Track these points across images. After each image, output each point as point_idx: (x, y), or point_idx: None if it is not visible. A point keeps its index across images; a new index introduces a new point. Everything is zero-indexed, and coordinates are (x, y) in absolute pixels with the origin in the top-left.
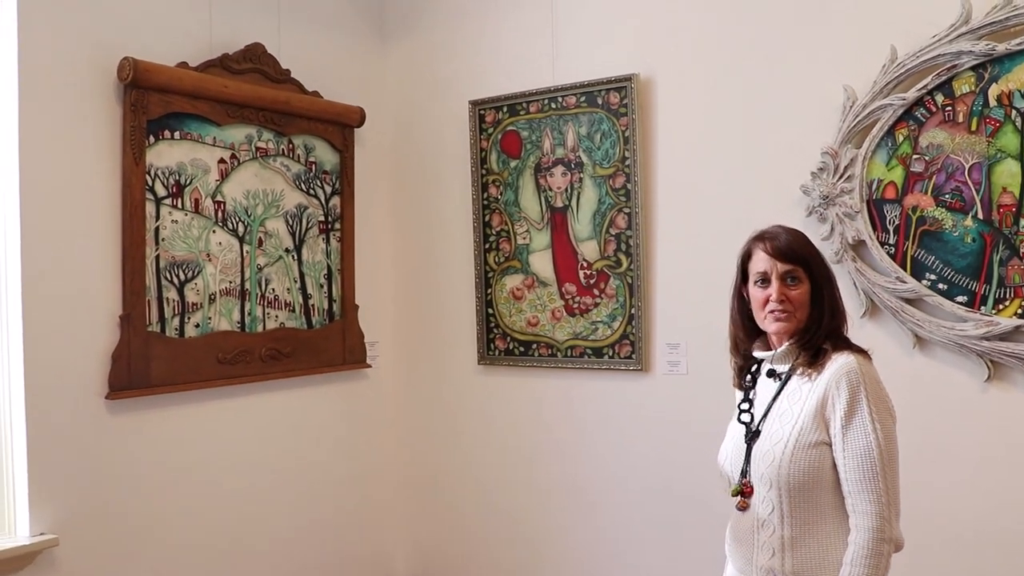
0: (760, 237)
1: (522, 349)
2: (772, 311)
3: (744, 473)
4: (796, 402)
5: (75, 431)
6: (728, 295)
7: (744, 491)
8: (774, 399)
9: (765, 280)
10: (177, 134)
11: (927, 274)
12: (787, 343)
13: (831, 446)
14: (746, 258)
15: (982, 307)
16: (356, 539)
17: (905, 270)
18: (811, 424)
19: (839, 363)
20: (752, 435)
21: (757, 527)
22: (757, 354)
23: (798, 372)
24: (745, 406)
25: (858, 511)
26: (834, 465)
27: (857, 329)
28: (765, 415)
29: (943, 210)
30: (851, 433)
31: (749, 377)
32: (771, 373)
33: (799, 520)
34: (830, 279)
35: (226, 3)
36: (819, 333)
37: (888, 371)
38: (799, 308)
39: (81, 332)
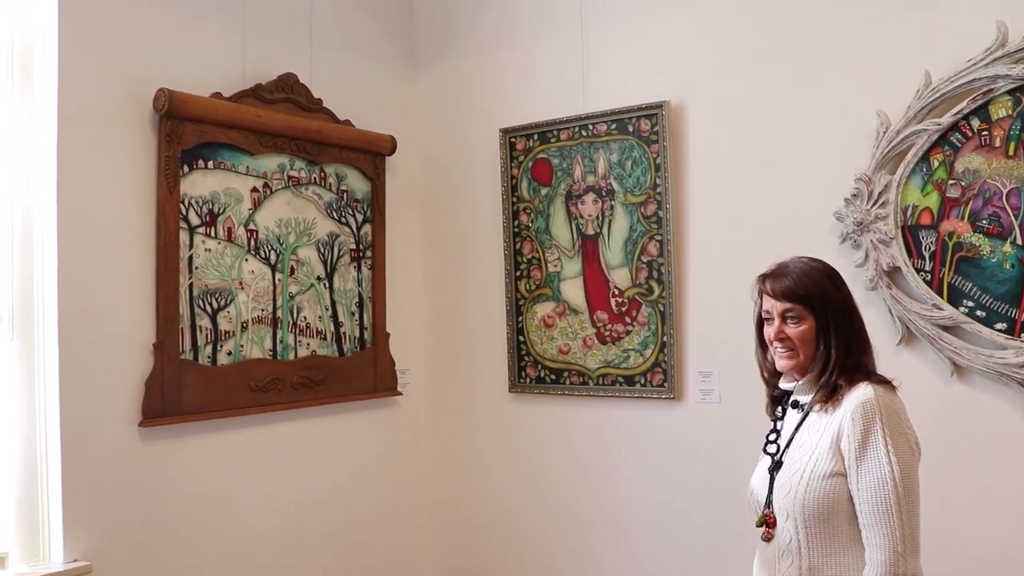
0: (764, 276)
1: (553, 377)
2: (776, 349)
3: (768, 503)
4: (815, 433)
5: (109, 458)
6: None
7: (768, 522)
8: (796, 430)
9: (770, 318)
10: (211, 163)
11: (965, 301)
12: (807, 376)
13: (847, 477)
14: (758, 295)
15: (1022, 334)
16: (386, 566)
17: (942, 297)
18: (827, 455)
19: (855, 395)
20: (775, 465)
21: (778, 557)
22: (783, 385)
23: (816, 407)
24: (772, 436)
25: (872, 545)
26: (851, 497)
27: (893, 357)
28: (788, 445)
29: (980, 236)
30: (865, 465)
31: (780, 408)
32: (795, 404)
33: (817, 551)
34: (842, 314)
35: (259, 34)
36: (833, 368)
37: (925, 400)
38: (802, 345)
39: (115, 359)
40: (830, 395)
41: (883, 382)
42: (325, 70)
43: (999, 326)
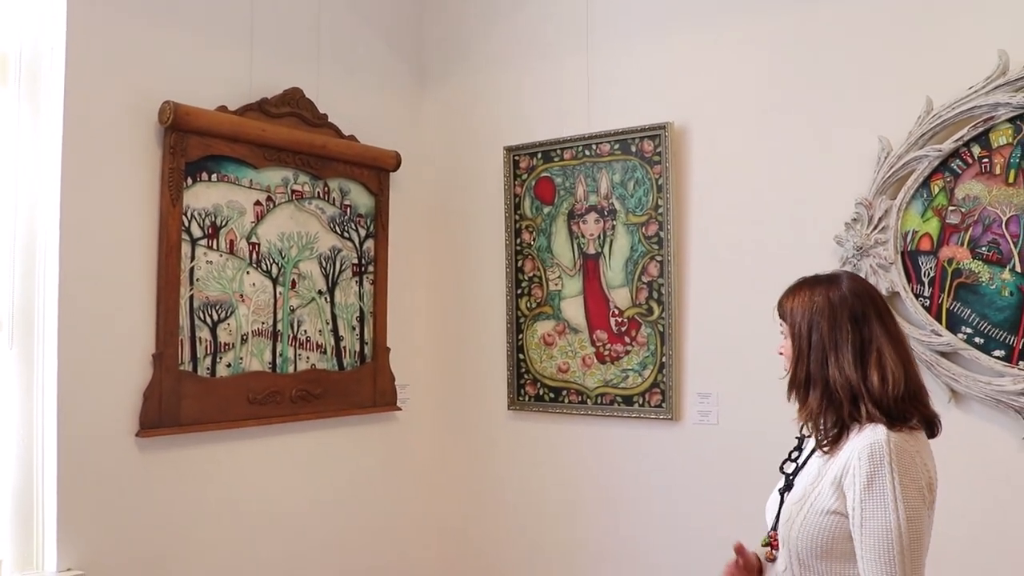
0: None
1: (552, 395)
2: None
3: (776, 524)
4: (823, 463)
5: (105, 467)
6: (762, 346)
7: (772, 543)
8: (811, 454)
9: None
10: (214, 176)
11: (963, 327)
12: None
13: (848, 517)
14: None
15: (1020, 362)
16: None
17: (940, 323)
18: (829, 490)
19: (867, 432)
20: (786, 487)
21: None
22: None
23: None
24: (795, 455)
25: None
26: (850, 537)
27: None
28: (799, 470)
29: (980, 263)
30: (869, 509)
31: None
32: None
33: None
34: (809, 334)
35: (266, 48)
36: (799, 395)
37: None
38: (789, 363)
39: (114, 369)
40: (838, 438)
41: (903, 426)
42: (331, 85)
43: (997, 353)
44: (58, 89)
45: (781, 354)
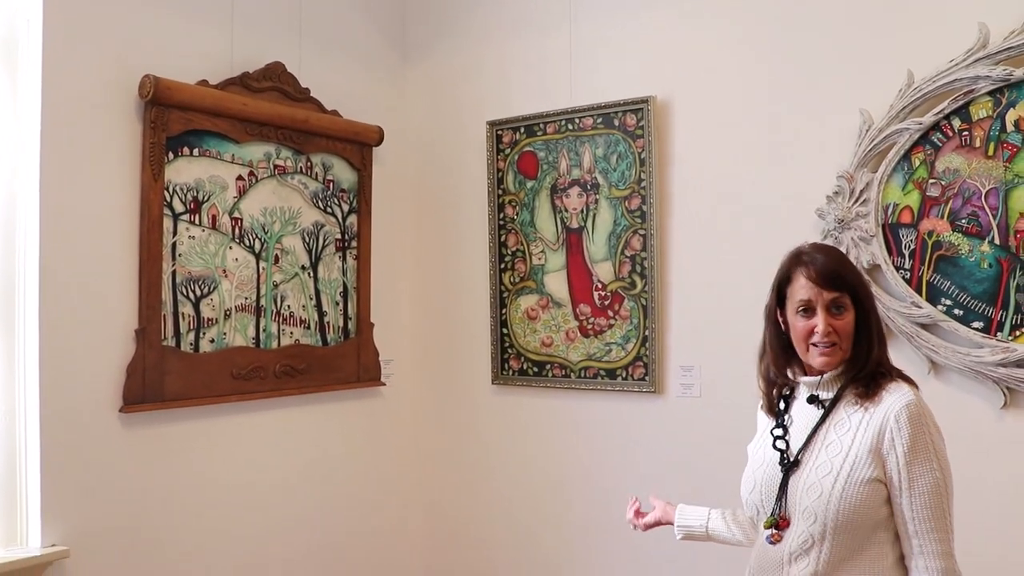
0: (799, 259)
1: (536, 369)
2: (816, 344)
3: (779, 504)
4: (846, 433)
5: (88, 443)
6: (744, 319)
7: (779, 523)
8: (817, 427)
9: (809, 310)
10: (196, 151)
11: (943, 299)
12: (835, 371)
13: (884, 483)
14: (784, 281)
15: (998, 333)
16: (369, 556)
17: (921, 295)
18: (865, 459)
19: (896, 396)
20: (789, 465)
21: (788, 560)
22: (802, 380)
23: (849, 402)
24: (779, 432)
25: (928, 552)
26: (885, 502)
27: None
28: (806, 444)
29: (959, 235)
30: (917, 470)
31: (782, 403)
32: (812, 399)
33: (836, 556)
34: (873, 304)
35: (247, 22)
36: (869, 362)
37: None
38: (845, 339)
39: (97, 345)
40: (867, 389)
41: (913, 383)
42: (313, 60)
43: (976, 325)
44: (36, 63)
45: (831, 332)
